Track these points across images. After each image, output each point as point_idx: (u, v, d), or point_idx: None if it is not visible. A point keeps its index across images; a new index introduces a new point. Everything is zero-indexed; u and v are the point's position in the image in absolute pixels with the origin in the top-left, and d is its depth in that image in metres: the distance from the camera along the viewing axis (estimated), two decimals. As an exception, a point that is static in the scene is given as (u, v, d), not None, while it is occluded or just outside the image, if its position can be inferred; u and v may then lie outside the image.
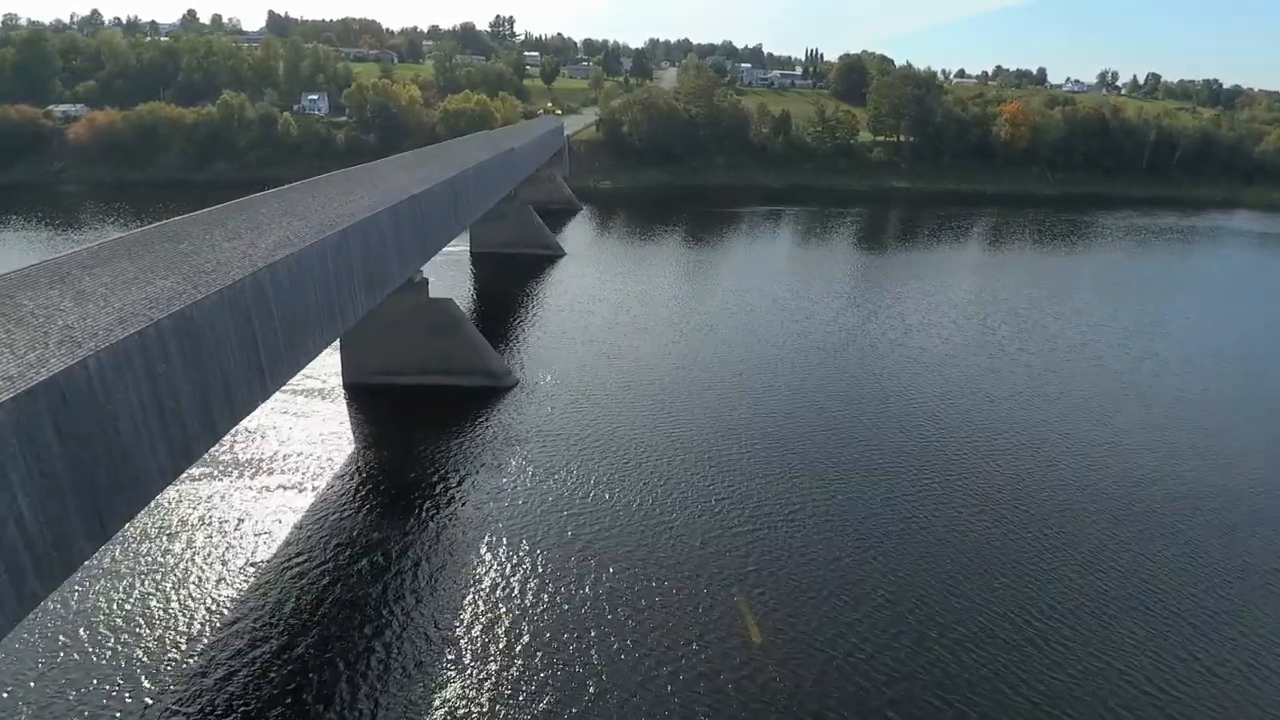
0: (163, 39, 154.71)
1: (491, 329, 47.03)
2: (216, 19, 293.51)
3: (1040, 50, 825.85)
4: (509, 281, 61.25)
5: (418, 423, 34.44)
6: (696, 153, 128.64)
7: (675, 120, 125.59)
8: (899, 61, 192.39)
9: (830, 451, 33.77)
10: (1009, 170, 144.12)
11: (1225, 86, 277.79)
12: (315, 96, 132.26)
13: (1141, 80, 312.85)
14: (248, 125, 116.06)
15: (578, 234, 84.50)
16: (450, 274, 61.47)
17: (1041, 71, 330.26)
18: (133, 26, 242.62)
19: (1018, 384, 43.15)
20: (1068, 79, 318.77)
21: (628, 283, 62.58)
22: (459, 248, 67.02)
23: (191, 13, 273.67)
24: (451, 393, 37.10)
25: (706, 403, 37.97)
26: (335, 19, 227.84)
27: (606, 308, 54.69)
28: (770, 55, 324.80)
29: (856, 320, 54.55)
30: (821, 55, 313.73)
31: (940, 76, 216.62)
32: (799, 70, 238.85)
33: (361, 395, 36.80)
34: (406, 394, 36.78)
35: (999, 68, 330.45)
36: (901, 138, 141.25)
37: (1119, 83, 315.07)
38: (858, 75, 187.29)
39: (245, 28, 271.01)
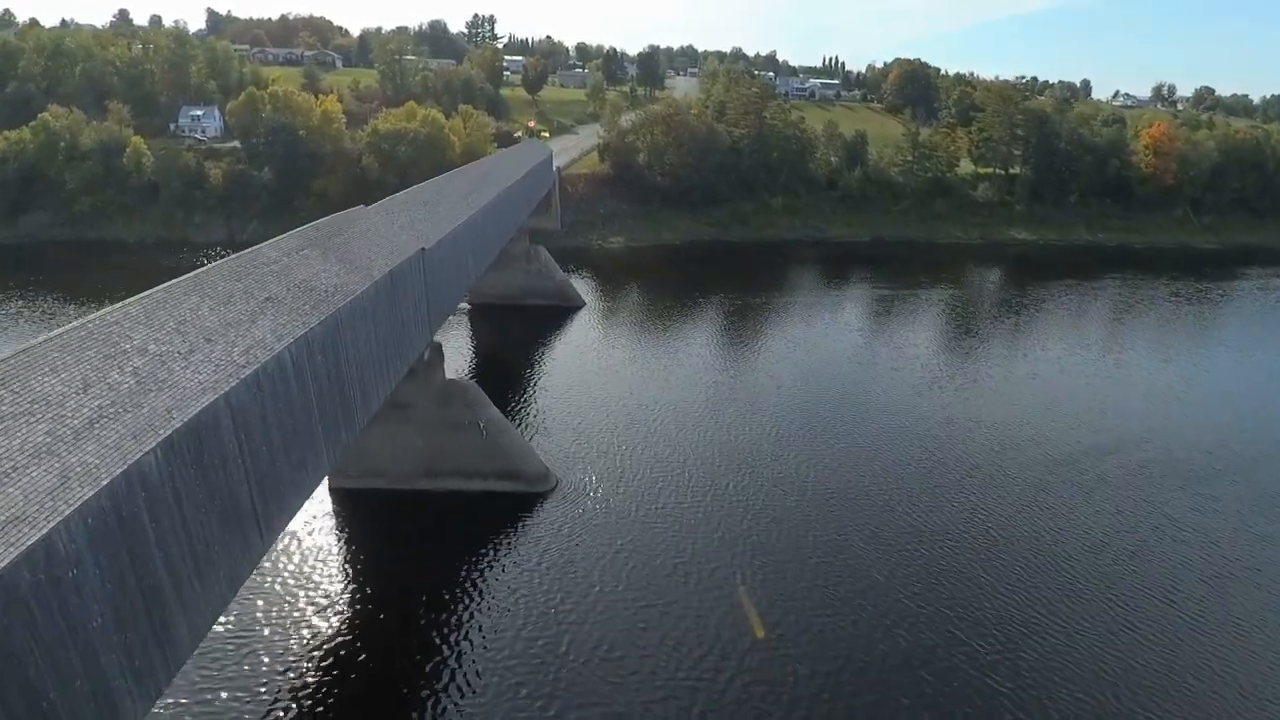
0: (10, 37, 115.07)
1: None
2: (156, 20, 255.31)
3: (1053, 60, 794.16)
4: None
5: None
6: (743, 194, 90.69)
7: (715, 146, 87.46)
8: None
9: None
10: (1147, 213, 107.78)
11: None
12: (200, 112, 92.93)
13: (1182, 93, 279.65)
14: (81, 158, 77.18)
15: (571, 391, 40.88)
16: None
17: (1085, 84, 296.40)
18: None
19: None
20: (1117, 92, 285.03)
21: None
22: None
23: (123, 13, 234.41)
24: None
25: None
26: (276, 18, 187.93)
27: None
28: (785, 64, 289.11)
29: None
30: (844, 64, 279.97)
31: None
32: (839, 80, 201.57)
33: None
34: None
35: (1034, 78, 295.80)
36: (1015, 170, 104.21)
37: (1175, 96, 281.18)
38: (920, 85, 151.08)
39: (192, 30, 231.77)
